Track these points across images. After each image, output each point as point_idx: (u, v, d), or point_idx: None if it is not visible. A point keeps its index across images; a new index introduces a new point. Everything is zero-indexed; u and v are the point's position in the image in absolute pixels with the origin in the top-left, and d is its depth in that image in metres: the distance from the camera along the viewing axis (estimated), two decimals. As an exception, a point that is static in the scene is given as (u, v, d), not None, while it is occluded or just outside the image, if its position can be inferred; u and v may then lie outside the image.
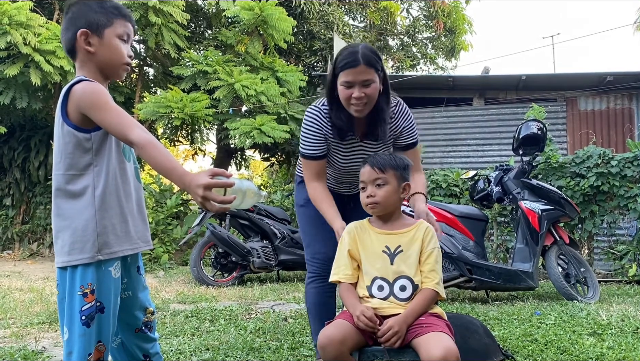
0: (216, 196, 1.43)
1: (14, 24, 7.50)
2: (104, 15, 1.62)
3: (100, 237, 1.56)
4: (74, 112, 1.54)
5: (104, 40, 1.62)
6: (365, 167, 2.02)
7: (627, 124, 8.87)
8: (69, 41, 1.63)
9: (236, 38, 9.12)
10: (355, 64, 2.15)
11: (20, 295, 4.94)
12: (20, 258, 9.52)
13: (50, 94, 8.65)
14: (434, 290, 1.91)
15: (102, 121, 1.52)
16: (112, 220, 1.59)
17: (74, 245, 1.55)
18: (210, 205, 1.42)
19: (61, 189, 1.57)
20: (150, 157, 1.46)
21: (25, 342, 3.13)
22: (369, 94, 2.19)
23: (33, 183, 10.39)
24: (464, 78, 9.95)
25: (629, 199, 5.73)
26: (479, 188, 5.20)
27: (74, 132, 1.55)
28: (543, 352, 2.84)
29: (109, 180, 1.59)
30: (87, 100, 1.52)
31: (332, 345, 1.79)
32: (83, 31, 1.60)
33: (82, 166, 1.56)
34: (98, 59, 1.62)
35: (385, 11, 13.08)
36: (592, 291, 4.59)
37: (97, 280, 1.56)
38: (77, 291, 1.55)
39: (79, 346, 1.54)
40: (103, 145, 1.59)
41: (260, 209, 6.21)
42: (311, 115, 2.36)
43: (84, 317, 1.54)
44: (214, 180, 1.42)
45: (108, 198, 1.59)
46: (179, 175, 1.46)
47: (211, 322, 3.68)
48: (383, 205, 1.97)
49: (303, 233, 2.60)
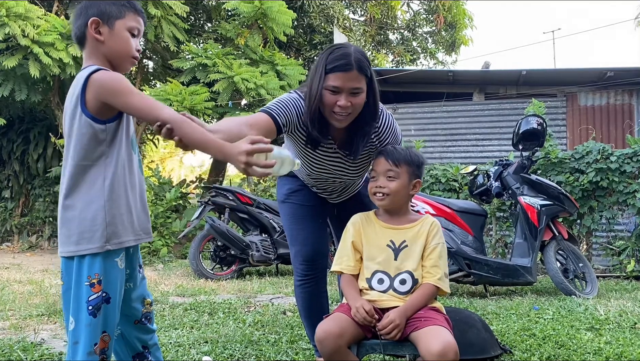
0: (258, 161, 1.50)
1: (12, 15, 7.45)
2: (117, 7, 1.63)
3: (109, 227, 1.57)
4: (93, 100, 1.54)
5: (114, 31, 1.62)
6: (379, 157, 2.00)
7: (627, 120, 8.86)
8: (79, 29, 1.64)
9: (236, 31, 9.09)
10: (347, 68, 1.92)
11: (19, 287, 4.95)
12: (19, 251, 9.52)
13: (49, 86, 8.62)
14: (434, 285, 1.92)
15: (129, 105, 1.53)
16: (119, 210, 1.60)
17: (83, 235, 1.55)
18: (253, 170, 1.49)
19: (72, 179, 1.57)
20: (186, 134, 1.50)
21: (24, 334, 3.13)
22: (355, 104, 1.96)
23: (32, 176, 10.38)
24: (464, 73, 9.92)
25: (628, 195, 5.72)
26: (478, 183, 5.20)
27: (91, 122, 1.55)
28: (541, 347, 2.84)
29: (118, 171, 1.60)
30: (109, 86, 1.53)
31: (329, 339, 1.79)
32: (94, 19, 1.60)
33: (95, 157, 1.57)
34: (107, 49, 1.63)
35: (386, 5, 13.04)
36: (590, 287, 4.60)
37: (104, 271, 1.57)
38: (84, 281, 1.55)
39: (85, 336, 1.55)
40: (115, 136, 1.60)
41: (260, 203, 6.21)
42: (295, 99, 2.06)
43: (91, 307, 1.55)
44: (255, 146, 1.48)
45: (117, 189, 1.59)
46: (218, 147, 1.52)
47: (210, 315, 3.69)
48: (392, 198, 1.96)
49: (285, 230, 2.45)
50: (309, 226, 2.34)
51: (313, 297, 2.41)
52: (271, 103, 2.05)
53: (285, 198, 2.43)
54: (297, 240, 2.37)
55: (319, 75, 1.96)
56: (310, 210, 2.39)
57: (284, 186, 2.45)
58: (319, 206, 2.42)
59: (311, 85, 2.00)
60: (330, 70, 1.93)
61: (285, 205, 2.43)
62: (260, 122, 1.91)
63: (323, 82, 1.95)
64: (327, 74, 1.94)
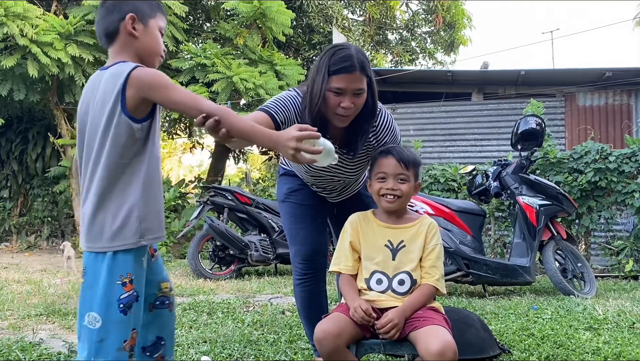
0: (307, 147, 1.57)
1: (10, 15, 7.44)
2: (149, 6, 1.69)
3: (143, 224, 1.58)
4: (132, 98, 1.54)
5: (148, 29, 1.67)
6: (389, 158, 1.97)
7: (626, 120, 8.87)
8: (112, 23, 1.65)
9: (235, 31, 9.08)
10: (351, 69, 1.94)
11: (17, 287, 4.94)
12: (17, 251, 9.51)
13: (48, 86, 8.59)
14: (433, 286, 1.92)
15: (171, 98, 1.55)
16: (152, 206, 1.62)
17: (118, 231, 1.55)
18: (301, 156, 1.56)
19: (107, 177, 1.57)
20: (233, 124, 1.54)
21: (23, 334, 3.13)
22: (357, 105, 1.99)
23: (30, 176, 10.37)
24: (462, 73, 9.93)
25: (626, 195, 5.73)
26: (477, 183, 5.20)
27: (129, 122, 1.56)
28: (540, 346, 2.85)
29: (150, 169, 1.62)
30: (151, 82, 1.55)
31: (328, 339, 1.79)
32: (132, 15, 1.64)
33: (131, 155, 1.58)
34: (139, 45, 1.66)
35: (385, 5, 13.04)
36: (589, 287, 4.61)
37: (135, 270, 1.58)
38: (116, 280, 1.54)
39: (116, 333, 1.54)
40: (148, 134, 1.61)
41: (259, 203, 6.21)
42: (293, 97, 2.09)
43: (122, 305, 1.54)
44: (304, 133, 1.56)
45: (150, 185, 1.61)
46: (267, 135, 1.59)
47: (209, 315, 3.69)
48: (402, 200, 1.97)
49: (285, 230, 2.48)
50: (309, 225, 2.34)
51: (312, 296, 2.41)
52: (269, 102, 2.07)
53: (285, 198, 2.44)
54: (297, 239, 2.37)
55: (321, 76, 1.97)
56: (310, 210, 2.39)
57: (283, 185, 2.45)
58: (319, 205, 2.42)
59: (313, 86, 2.00)
60: (334, 72, 1.94)
61: (285, 204, 2.43)
62: (259, 120, 1.91)
63: (326, 84, 1.96)
64: (331, 76, 1.95)
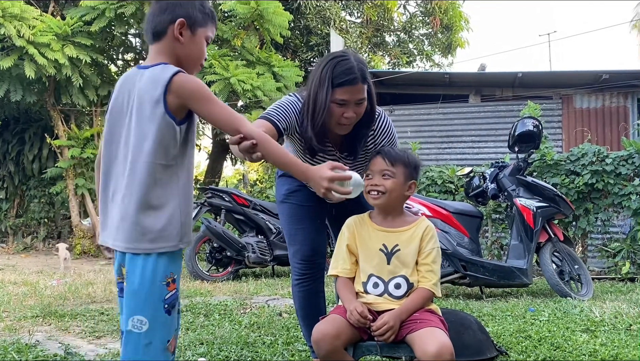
0: (338, 188, 1.67)
1: (7, 16, 7.43)
2: (202, 15, 1.67)
3: (183, 227, 1.59)
4: (174, 102, 1.54)
5: (195, 37, 1.66)
6: (376, 156, 2.01)
7: (622, 122, 8.90)
8: (161, 23, 1.64)
9: (232, 32, 9.07)
10: (355, 81, 1.98)
11: (14, 289, 4.92)
12: (14, 252, 9.48)
13: (45, 87, 8.57)
14: (430, 290, 1.92)
15: (211, 113, 1.55)
16: (189, 209, 1.63)
17: (161, 233, 1.55)
18: (332, 195, 1.67)
19: (150, 177, 1.56)
20: (270, 151, 1.60)
21: (19, 335, 3.12)
22: (359, 113, 2.04)
23: (27, 177, 10.34)
24: (460, 75, 9.95)
25: (623, 197, 5.74)
26: (474, 185, 5.20)
27: (173, 123, 1.55)
28: (537, 348, 2.85)
29: (189, 171, 1.63)
30: (192, 91, 1.54)
31: (325, 340, 1.79)
32: (181, 21, 1.62)
33: (172, 156, 1.58)
34: (183, 50, 1.65)
35: (382, 7, 13.05)
36: (586, 289, 4.61)
37: (177, 270, 1.60)
38: (160, 280, 1.55)
39: (161, 334, 1.54)
40: (187, 136, 1.62)
41: (256, 204, 6.20)
42: (294, 102, 2.13)
43: (167, 305, 1.55)
44: (338, 174, 1.67)
45: (187, 188, 1.63)
46: (303, 170, 1.68)
47: (206, 317, 3.68)
48: (387, 196, 1.95)
49: (283, 230, 2.51)
50: (308, 226, 2.34)
51: (310, 297, 2.41)
52: (270, 109, 2.09)
53: (284, 199, 2.44)
54: (296, 239, 2.38)
55: (325, 89, 2.00)
56: (309, 210, 2.39)
57: (282, 186, 2.45)
58: (318, 206, 2.42)
59: (316, 98, 2.03)
60: (338, 85, 1.99)
61: (284, 205, 2.44)
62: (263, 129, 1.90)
63: (330, 96, 1.99)
64: (335, 88, 1.99)
